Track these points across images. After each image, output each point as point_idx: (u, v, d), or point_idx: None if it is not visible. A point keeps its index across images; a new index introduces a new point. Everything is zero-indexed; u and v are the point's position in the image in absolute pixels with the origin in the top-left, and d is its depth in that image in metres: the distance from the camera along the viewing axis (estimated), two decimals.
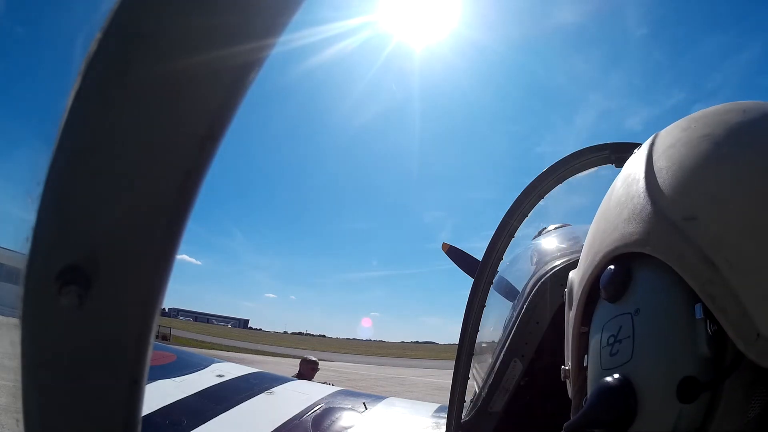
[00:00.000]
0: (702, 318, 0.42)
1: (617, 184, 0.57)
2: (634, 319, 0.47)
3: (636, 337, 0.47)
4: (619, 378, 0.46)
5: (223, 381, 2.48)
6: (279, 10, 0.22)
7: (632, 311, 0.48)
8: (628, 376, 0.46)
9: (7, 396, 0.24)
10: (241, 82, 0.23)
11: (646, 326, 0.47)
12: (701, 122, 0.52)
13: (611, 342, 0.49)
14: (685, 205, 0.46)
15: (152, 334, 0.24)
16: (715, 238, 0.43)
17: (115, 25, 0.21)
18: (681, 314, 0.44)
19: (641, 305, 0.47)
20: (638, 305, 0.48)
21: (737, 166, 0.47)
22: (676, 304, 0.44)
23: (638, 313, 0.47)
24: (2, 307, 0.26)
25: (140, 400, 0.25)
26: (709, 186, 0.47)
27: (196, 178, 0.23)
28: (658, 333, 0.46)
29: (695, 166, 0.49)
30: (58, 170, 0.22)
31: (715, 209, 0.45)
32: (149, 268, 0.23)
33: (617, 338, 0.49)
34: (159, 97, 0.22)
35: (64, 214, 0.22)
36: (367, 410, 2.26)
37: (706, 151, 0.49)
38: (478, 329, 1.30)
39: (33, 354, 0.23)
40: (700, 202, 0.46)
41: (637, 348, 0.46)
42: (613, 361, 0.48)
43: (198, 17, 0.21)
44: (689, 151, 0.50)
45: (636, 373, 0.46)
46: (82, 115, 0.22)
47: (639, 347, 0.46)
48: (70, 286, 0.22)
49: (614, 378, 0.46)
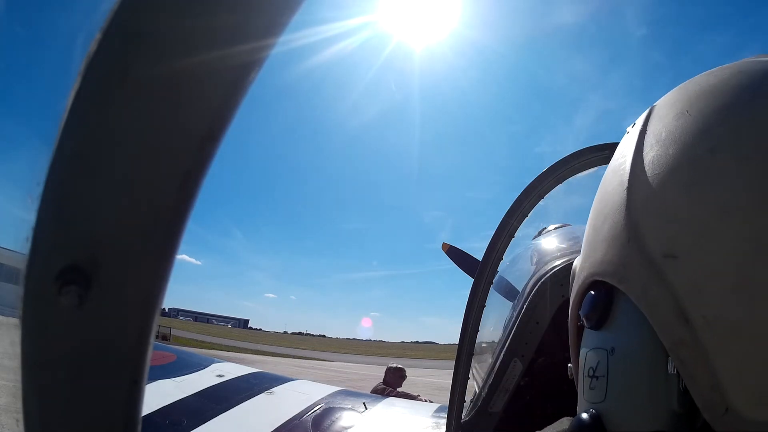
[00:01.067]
0: (675, 374, 0.37)
1: (607, 178, 0.48)
2: (609, 358, 0.43)
3: (609, 379, 0.43)
4: (593, 416, 0.43)
5: (223, 381, 2.48)
6: (279, 10, 0.22)
7: (608, 349, 0.44)
8: (602, 417, 0.43)
9: (7, 396, 0.24)
10: (241, 82, 0.23)
11: (620, 371, 0.43)
12: (699, 109, 0.42)
13: (591, 374, 0.46)
14: (667, 236, 0.39)
15: (152, 334, 0.24)
16: (694, 287, 0.36)
17: (115, 25, 0.21)
18: (654, 364, 0.40)
19: (616, 345, 0.43)
20: (614, 344, 0.43)
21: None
22: (650, 353, 0.39)
23: (613, 353, 0.43)
24: (2, 307, 0.26)
25: (140, 400, 0.25)
26: (697, 214, 0.38)
27: (196, 178, 0.23)
28: (629, 381, 0.42)
29: (683, 183, 0.40)
30: (58, 170, 0.22)
31: (700, 248, 0.37)
32: (149, 268, 0.23)
33: (595, 373, 0.45)
34: (159, 97, 0.22)
35: (64, 214, 0.22)
36: (367, 410, 2.26)
37: (697, 162, 0.40)
38: (478, 329, 1.30)
39: (33, 354, 0.23)
40: (682, 235, 0.38)
41: (610, 391, 0.43)
42: (591, 395, 0.45)
43: (198, 17, 0.21)
44: (678, 157, 0.41)
45: (608, 417, 0.43)
46: (82, 115, 0.22)
47: (611, 391, 0.43)
48: (70, 286, 0.22)
49: (589, 415, 0.44)
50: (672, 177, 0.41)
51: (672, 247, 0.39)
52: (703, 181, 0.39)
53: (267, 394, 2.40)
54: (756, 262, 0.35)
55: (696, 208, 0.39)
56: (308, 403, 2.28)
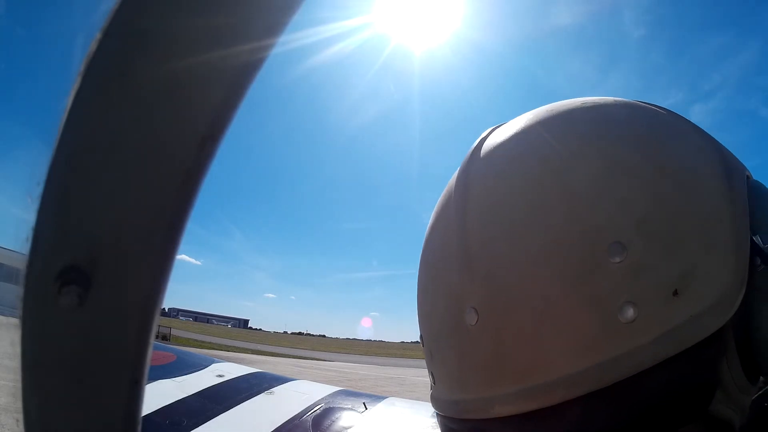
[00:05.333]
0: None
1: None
2: None
3: None
4: None
5: (223, 381, 2.48)
6: (279, 10, 0.22)
7: None
8: None
9: (7, 396, 0.24)
10: (241, 82, 0.23)
11: None
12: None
13: None
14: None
15: (152, 334, 0.24)
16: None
17: (115, 25, 0.21)
18: None
19: None
20: None
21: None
22: None
23: None
24: (2, 307, 0.26)
25: (140, 400, 0.25)
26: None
27: (196, 178, 0.23)
28: None
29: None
30: (58, 170, 0.22)
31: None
32: (149, 268, 0.23)
33: None
34: (159, 96, 0.22)
35: (64, 214, 0.22)
36: (367, 410, 2.26)
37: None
38: None
39: (33, 354, 0.23)
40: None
41: None
42: None
43: (198, 17, 0.21)
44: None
45: None
46: (82, 115, 0.22)
47: None
48: (70, 286, 0.22)
49: None
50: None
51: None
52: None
53: (267, 394, 2.40)
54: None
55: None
56: (308, 403, 2.28)
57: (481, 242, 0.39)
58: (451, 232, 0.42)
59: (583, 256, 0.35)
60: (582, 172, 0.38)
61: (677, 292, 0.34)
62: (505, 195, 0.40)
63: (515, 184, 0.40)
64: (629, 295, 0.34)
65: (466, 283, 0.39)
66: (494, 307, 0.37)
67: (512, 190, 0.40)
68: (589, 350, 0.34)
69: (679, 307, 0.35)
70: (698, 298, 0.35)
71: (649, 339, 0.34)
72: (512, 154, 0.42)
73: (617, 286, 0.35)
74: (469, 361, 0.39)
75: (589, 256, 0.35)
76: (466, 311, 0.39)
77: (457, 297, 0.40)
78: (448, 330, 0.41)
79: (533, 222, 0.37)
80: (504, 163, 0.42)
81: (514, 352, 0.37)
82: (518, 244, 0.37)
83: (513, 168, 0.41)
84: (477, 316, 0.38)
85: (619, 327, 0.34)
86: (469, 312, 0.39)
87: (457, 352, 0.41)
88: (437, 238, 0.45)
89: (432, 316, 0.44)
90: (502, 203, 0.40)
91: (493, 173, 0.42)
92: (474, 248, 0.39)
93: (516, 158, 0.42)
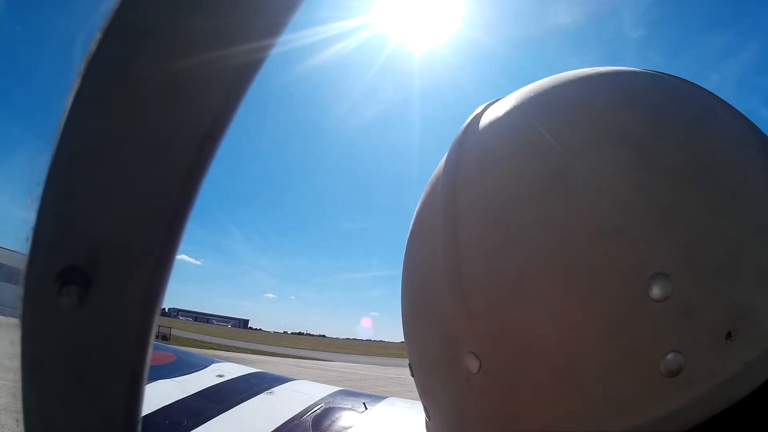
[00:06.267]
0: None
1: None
2: None
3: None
4: None
5: (223, 381, 2.48)
6: (279, 10, 0.22)
7: None
8: None
9: (7, 396, 0.24)
10: (241, 82, 0.23)
11: None
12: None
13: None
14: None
15: (152, 334, 0.24)
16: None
17: (115, 25, 0.21)
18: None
19: None
20: None
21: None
22: None
23: None
24: (2, 307, 0.26)
25: (140, 400, 0.25)
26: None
27: (196, 178, 0.23)
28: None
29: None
30: (58, 170, 0.22)
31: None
32: (149, 268, 0.23)
33: None
34: (159, 97, 0.22)
35: (64, 214, 0.22)
36: (367, 410, 2.26)
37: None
38: None
39: (33, 354, 0.23)
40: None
41: None
42: None
43: (198, 17, 0.21)
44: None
45: None
46: (82, 115, 0.22)
47: None
48: (70, 286, 0.22)
49: None
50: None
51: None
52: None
53: (267, 394, 2.40)
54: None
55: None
56: (308, 403, 2.28)
57: (477, 261, 0.30)
58: (437, 243, 0.32)
59: (617, 292, 0.27)
60: (608, 175, 0.28)
61: (731, 334, 0.27)
62: (506, 201, 0.30)
63: (520, 190, 0.30)
64: (675, 343, 0.27)
65: (462, 319, 0.30)
66: (501, 355, 0.29)
67: (516, 197, 0.30)
68: (622, 411, 0.27)
69: (733, 353, 0.27)
70: (754, 340, 0.27)
71: (697, 394, 0.27)
72: (514, 145, 0.32)
73: (661, 331, 0.27)
74: (469, 413, 0.32)
75: (625, 293, 0.27)
76: (465, 355, 0.31)
77: (450, 336, 0.32)
78: (443, 373, 0.33)
79: (548, 244, 0.28)
80: (503, 157, 0.32)
81: (528, 411, 0.29)
82: (528, 271, 0.28)
83: (514, 165, 0.31)
84: (479, 363, 0.30)
85: (661, 382, 0.27)
86: (468, 357, 0.31)
87: (455, 401, 0.33)
88: (420, 249, 0.35)
89: (422, 350, 0.35)
90: (503, 211, 0.30)
91: (491, 170, 0.32)
92: (468, 268, 0.30)
93: (517, 151, 0.31)
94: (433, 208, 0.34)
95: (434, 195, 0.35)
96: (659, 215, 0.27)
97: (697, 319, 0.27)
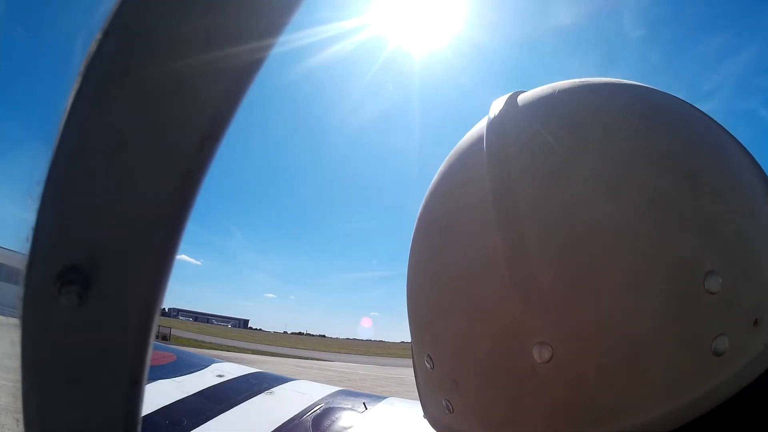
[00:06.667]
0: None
1: None
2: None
3: None
4: None
5: (223, 381, 2.48)
6: (278, 10, 0.22)
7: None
8: None
9: (7, 396, 0.24)
10: (241, 82, 0.23)
11: None
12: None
13: None
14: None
15: (152, 334, 0.24)
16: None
17: (115, 25, 0.21)
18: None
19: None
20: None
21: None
22: None
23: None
24: (2, 307, 0.26)
25: (140, 400, 0.25)
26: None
27: (196, 178, 0.23)
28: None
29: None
30: (58, 170, 0.22)
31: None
32: (149, 268, 0.23)
33: None
34: (159, 96, 0.22)
35: (64, 214, 0.22)
36: (367, 410, 2.26)
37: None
38: None
39: (33, 354, 0.23)
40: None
41: None
42: None
43: (198, 17, 0.21)
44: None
45: None
46: (82, 115, 0.22)
47: None
48: (70, 286, 0.22)
49: None
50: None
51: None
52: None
53: (267, 394, 2.40)
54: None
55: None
56: (308, 403, 2.28)
57: (548, 257, 0.32)
58: (489, 238, 0.34)
59: (680, 286, 0.32)
60: (668, 181, 0.33)
61: (757, 321, 0.33)
62: (575, 200, 0.33)
63: (590, 189, 0.33)
64: (722, 328, 0.32)
65: (533, 314, 0.33)
66: (573, 345, 0.32)
67: (585, 195, 0.33)
68: (678, 390, 0.32)
69: (757, 336, 0.33)
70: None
71: (733, 371, 0.32)
72: (578, 142, 0.35)
73: (712, 318, 0.32)
74: (530, 403, 0.34)
75: (686, 287, 0.32)
76: (533, 348, 0.33)
77: (515, 330, 0.34)
78: (498, 367, 0.35)
79: (617, 243, 0.32)
80: (569, 154, 0.34)
81: (596, 396, 0.32)
82: (600, 268, 0.32)
83: (581, 165, 0.34)
84: (551, 353, 0.32)
85: (711, 362, 0.32)
86: (536, 348, 0.33)
87: (510, 393, 0.35)
88: (461, 244, 0.36)
89: (463, 343, 0.37)
90: (573, 210, 0.33)
91: (554, 166, 0.34)
92: (537, 267, 0.32)
93: (584, 151, 0.34)
94: (478, 204, 0.36)
95: (476, 190, 0.36)
96: (706, 225, 0.33)
97: (735, 309, 0.33)
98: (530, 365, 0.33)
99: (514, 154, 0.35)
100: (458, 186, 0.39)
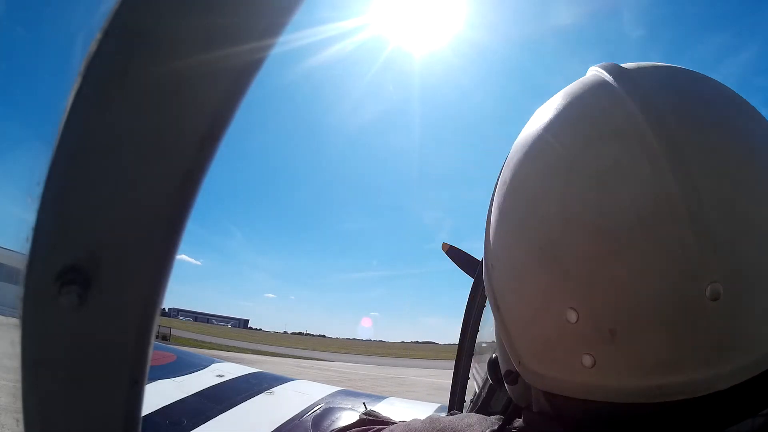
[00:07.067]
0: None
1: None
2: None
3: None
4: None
5: (223, 381, 2.48)
6: (279, 10, 0.22)
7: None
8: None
9: (7, 396, 0.24)
10: (241, 82, 0.23)
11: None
12: (535, 149, 0.44)
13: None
14: (493, 246, 0.48)
15: (152, 334, 0.24)
16: (498, 289, 0.49)
17: (115, 25, 0.21)
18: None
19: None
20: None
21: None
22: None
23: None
24: (2, 307, 0.26)
25: (140, 400, 0.25)
26: (502, 230, 0.47)
27: (196, 178, 0.23)
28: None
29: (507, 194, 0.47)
30: (58, 170, 0.22)
31: (501, 259, 0.47)
32: (149, 268, 0.23)
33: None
34: (159, 96, 0.22)
35: (64, 214, 0.22)
36: (367, 410, 2.25)
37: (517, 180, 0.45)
38: (478, 329, 1.30)
39: (33, 354, 0.23)
40: (496, 247, 0.48)
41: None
42: None
43: (198, 17, 0.21)
44: (511, 170, 0.46)
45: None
46: (82, 115, 0.22)
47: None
48: (70, 286, 0.22)
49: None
50: (506, 180, 0.49)
51: (494, 257, 0.49)
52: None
53: (267, 394, 2.40)
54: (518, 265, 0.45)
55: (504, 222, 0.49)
56: (308, 403, 2.28)
57: (718, 205, 0.37)
58: (665, 189, 0.37)
59: None
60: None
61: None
62: (742, 159, 0.38)
63: (749, 149, 0.39)
64: None
65: (709, 256, 0.36)
66: (741, 282, 0.36)
67: (747, 156, 0.38)
68: None
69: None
70: None
71: None
72: (733, 111, 0.42)
73: None
74: (697, 340, 0.37)
75: None
76: (707, 286, 0.36)
77: (692, 272, 0.37)
78: (669, 308, 0.37)
79: None
80: (728, 118, 0.41)
81: (755, 327, 0.37)
82: (761, 213, 0.37)
83: (738, 130, 0.40)
84: (721, 291, 0.36)
85: None
86: (710, 286, 0.36)
87: (678, 331, 0.37)
88: (624, 193, 0.39)
89: (632, 290, 0.38)
90: (740, 167, 0.38)
91: (721, 128, 0.39)
92: (709, 211, 0.36)
93: (738, 116, 0.41)
94: (640, 154, 0.39)
95: (632, 143, 0.39)
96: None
97: None
98: (702, 302, 0.36)
99: (673, 106, 0.39)
100: (608, 139, 0.41)
